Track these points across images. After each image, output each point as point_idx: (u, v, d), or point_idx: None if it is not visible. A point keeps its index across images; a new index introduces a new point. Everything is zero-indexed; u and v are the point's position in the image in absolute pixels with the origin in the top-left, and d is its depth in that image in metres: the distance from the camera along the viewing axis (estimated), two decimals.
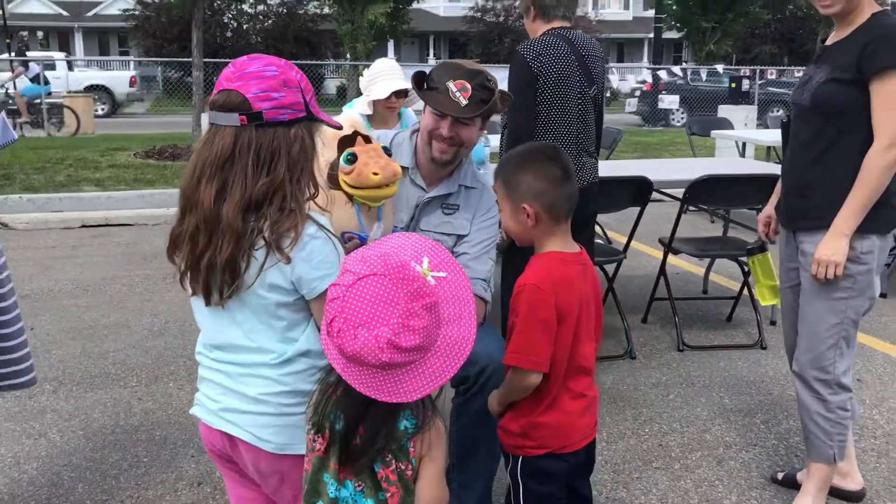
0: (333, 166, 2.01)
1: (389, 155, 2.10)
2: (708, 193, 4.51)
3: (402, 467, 1.52)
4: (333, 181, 2.01)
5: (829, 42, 2.64)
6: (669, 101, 22.78)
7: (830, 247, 2.51)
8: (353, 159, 2.01)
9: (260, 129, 1.64)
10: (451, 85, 2.35)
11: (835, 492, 2.86)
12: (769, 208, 2.93)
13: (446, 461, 1.60)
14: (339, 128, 1.87)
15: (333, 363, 1.49)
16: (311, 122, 1.71)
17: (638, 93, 23.09)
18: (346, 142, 2.01)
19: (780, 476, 3.04)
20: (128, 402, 3.71)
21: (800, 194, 2.67)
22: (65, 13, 36.97)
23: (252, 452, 1.75)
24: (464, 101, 2.34)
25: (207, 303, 1.71)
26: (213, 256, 1.64)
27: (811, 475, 2.77)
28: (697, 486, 3.04)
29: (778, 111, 18.45)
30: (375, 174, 1.99)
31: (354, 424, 1.50)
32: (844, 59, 2.50)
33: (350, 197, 2.05)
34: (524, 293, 1.88)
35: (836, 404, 2.66)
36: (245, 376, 1.74)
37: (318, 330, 1.72)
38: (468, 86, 2.34)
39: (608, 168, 4.47)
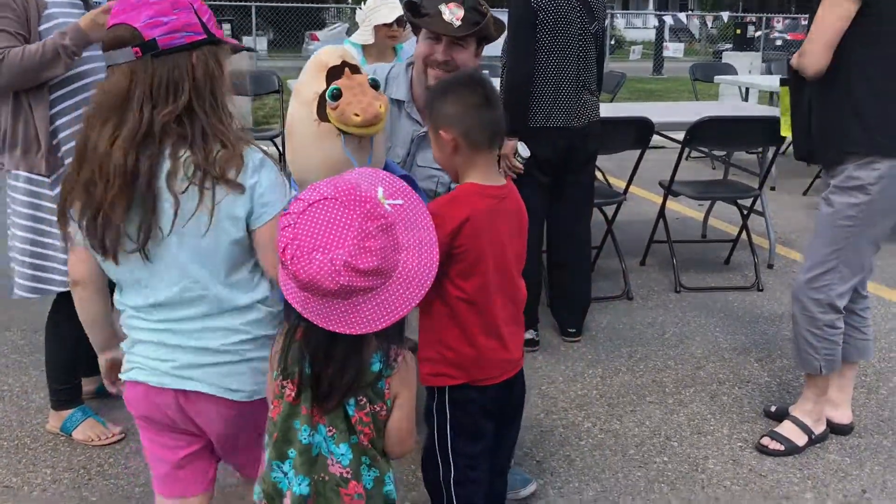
0: (322, 98, 1.98)
1: (377, 88, 2.05)
2: (710, 135, 4.50)
3: (377, 409, 1.51)
4: (322, 114, 1.98)
5: None
6: (674, 49, 22.56)
7: None
8: (337, 95, 1.96)
9: (158, 60, 1.54)
10: (444, 8, 2.36)
11: (827, 423, 2.95)
12: None
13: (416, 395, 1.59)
14: (251, 50, 1.78)
15: (291, 299, 1.45)
16: (215, 45, 1.61)
17: (780, 41, 22.44)
18: (335, 73, 1.97)
19: (772, 409, 3.11)
20: None
21: (815, 135, 2.72)
22: None
23: (216, 406, 1.69)
24: (457, 23, 2.35)
25: (114, 257, 1.58)
26: (108, 200, 1.53)
27: (808, 384, 2.92)
28: (690, 419, 3.11)
29: None
30: (356, 115, 1.94)
31: (321, 363, 1.47)
32: None
33: (339, 129, 2.03)
34: None
35: (824, 322, 2.76)
36: (200, 331, 1.66)
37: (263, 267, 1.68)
38: (460, 8, 2.35)
39: (609, 110, 4.47)
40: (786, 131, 2.95)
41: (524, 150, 3.29)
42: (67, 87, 2.60)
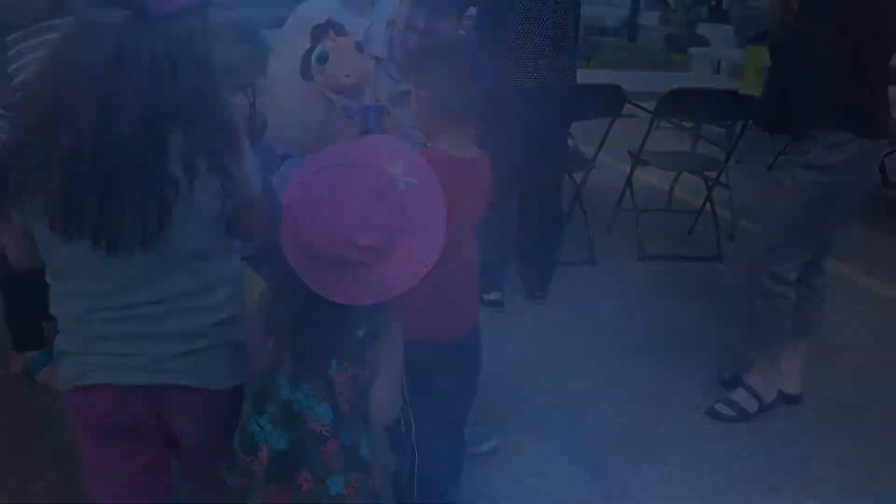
0: (306, 56, 1.96)
1: (361, 51, 2.06)
2: (680, 106, 4.55)
3: (359, 373, 1.51)
4: (306, 73, 1.97)
5: None
6: (648, 18, 22.49)
7: None
8: (324, 58, 1.96)
9: (149, 27, 1.30)
10: None
11: (777, 392, 3.04)
12: None
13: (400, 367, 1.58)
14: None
15: (289, 255, 1.42)
16: (204, 5, 1.39)
17: None
18: (319, 31, 1.96)
19: (726, 376, 3.21)
20: None
21: (789, 100, 2.72)
22: None
23: (192, 399, 1.53)
24: None
25: (111, 251, 1.34)
26: (112, 189, 1.30)
27: (761, 353, 3.01)
28: (647, 383, 3.19)
29: None
30: (347, 76, 1.95)
31: (304, 325, 1.46)
32: None
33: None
34: None
35: (776, 294, 2.84)
36: (173, 314, 1.47)
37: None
38: None
39: (582, 77, 4.46)
40: (747, 89, 2.94)
41: None
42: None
